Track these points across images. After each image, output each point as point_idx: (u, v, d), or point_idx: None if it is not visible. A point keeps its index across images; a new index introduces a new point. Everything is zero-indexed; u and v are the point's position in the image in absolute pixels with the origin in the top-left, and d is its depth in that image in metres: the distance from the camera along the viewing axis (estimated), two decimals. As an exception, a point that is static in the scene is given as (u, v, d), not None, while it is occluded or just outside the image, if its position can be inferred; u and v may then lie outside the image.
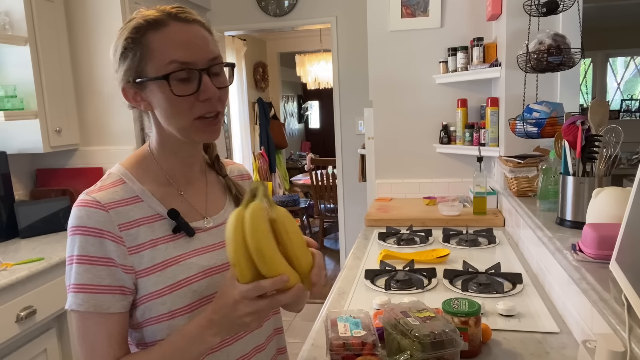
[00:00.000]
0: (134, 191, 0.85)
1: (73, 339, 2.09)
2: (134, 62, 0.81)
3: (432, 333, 0.95)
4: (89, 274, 0.78)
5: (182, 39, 0.80)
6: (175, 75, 0.79)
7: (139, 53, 0.80)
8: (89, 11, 2.59)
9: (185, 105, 0.80)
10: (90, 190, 0.83)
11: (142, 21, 0.80)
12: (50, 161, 2.72)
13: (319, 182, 4.87)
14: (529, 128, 1.92)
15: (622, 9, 5.00)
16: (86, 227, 0.78)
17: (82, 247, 0.78)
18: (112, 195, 0.82)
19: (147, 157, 0.90)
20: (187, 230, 0.86)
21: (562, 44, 1.85)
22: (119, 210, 0.81)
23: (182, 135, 0.84)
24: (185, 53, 0.79)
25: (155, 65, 0.80)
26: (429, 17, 2.61)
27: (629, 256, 0.89)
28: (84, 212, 0.79)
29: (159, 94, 0.81)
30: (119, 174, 0.86)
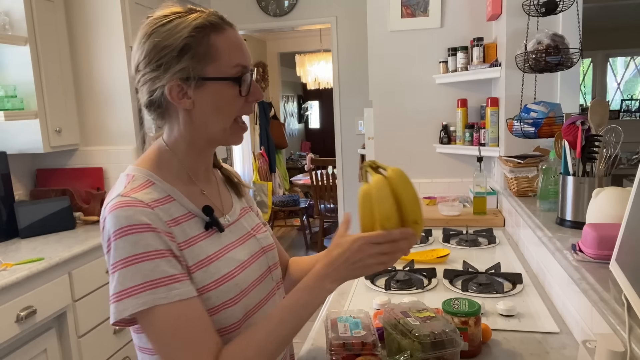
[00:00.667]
0: (165, 191, 0.85)
1: (74, 339, 2.09)
2: (193, 61, 0.81)
3: (432, 333, 0.95)
4: (162, 267, 0.76)
5: (240, 44, 0.85)
6: (244, 78, 0.84)
7: (202, 52, 0.81)
8: (89, 11, 2.59)
9: (238, 105, 0.85)
10: (125, 192, 0.80)
11: (205, 22, 0.82)
12: (50, 161, 2.72)
13: (319, 182, 4.87)
14: (526, 128, 1.92)
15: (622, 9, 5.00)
16: (140, 224, 0.76)
17: (143, 243, 0.75)
18: (148, 196, 0.81)
19: (165, 157, 0.89)
20: (218, 227, 0.88)
21: (560, 44, 1.85)
22: (161, 209, 0.81)
23: (219, 135, 0.87)
24: (245, 57, 0.85)
25: (221, 66, 0.83)
26: (429, 17, 2.61)
27: (629, 256, 0.89)
28: (131, 211, 0.76)
29: (218, 93, 0.83)
30: (144, 176, 0.85)
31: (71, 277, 2.08)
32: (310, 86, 6.51)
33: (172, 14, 0.84)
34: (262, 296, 0.93)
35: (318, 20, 3.72)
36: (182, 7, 0.85)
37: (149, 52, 0.83)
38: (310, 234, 5.62)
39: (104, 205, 0.81)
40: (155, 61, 0.82)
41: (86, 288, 2.17)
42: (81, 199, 2.61)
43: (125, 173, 0.87)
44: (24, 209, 2.35)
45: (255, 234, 0.98)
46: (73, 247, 2.13)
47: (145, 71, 0.84)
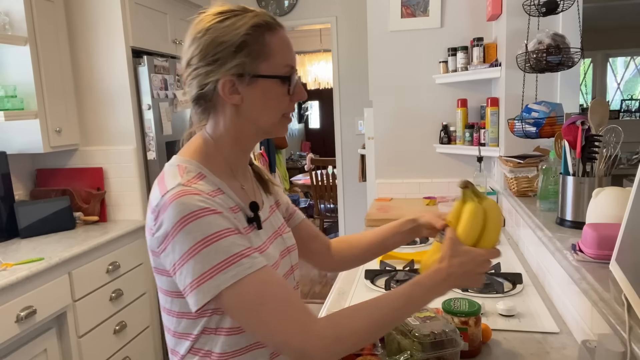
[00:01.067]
0: (215, 184, 0.86)
1: (74, 339, 2.09)
2: (248, 58, 0.84)
3: (432, 333, 0.96)
4: (238, 242, 0.78)
5: (290, 44, 0.89)
6: (292, 77, 0.88)
7: (257, 50, 0.84)
8: (89, 11, 2.59)
9: (285, 103, 0.89)
10: (185, 182, 0.81)
11: (260, 21, 0.85)
12: (50, 161, 2.72)
13: (319, 182, 4.87)
14: (528, 128, 1.91)
15: (622, 9, 5.00)
16: (207, 208, 0.77)
17: (217, 224, 0.77)
18: (204, 187, 0.82)
19: (211, 151, 0.90)
20: (258, 224, 0.90)
21: (561, 44, 1.85)
22: (216, 200, 0.82)
23: (267, 129, 0.90)
24: (293, 58, 0.89)
25: (271, 65, 0.85)
26: (429, 17, 2.61)
27: (629, 256, 0.89)
28: (196, 199, 0.77)
29: (268, 90, 0.86)
30: (197, 169, 0.86)
31: (71, 277, 2.08)
32: (310, 86, 6.50)
33: (229, 11, 0.85)
34: None
35: (318, 20, 3.72)
36: (237, 6, 0.87)
37: (205, 47, 0.84)
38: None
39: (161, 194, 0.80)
40: (211, 56, 0.84)
41: (86, 288, 2.17)
42: (81, 199, 2.61)
43: (175, 164, 0.87)
44: (24, 209, 2.35)
45: (281, 234, 0.99)
46: (73, 247, 2.13)
47: (199, 65, 0.85)
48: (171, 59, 2.89)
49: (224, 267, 0.75)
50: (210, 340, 0.85)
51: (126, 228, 2.49)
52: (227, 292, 0.75)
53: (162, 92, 2.78)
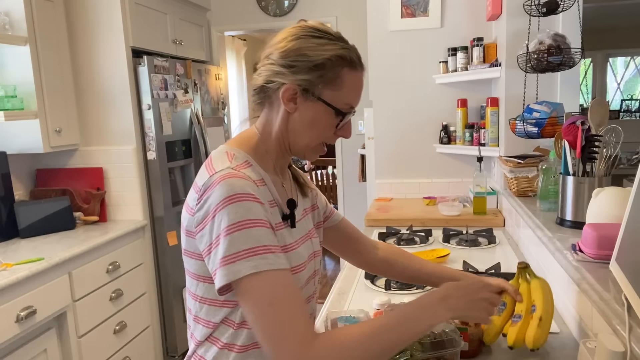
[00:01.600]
0: (260, 174, 0.89)
1: (74, 339, 2.09)
2: (319, 79, 0.88)
3: (432, 333, 0.96)
4: (270, 236, 0.79)
5: (360, 87, 0.93)
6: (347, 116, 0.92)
7: (330, 77, 0.88)
8: (89, 11, 2.59)
9: (328, 133, 0.92)
10: (232, 166, 0.84)
11: (346, 55, 0.89)
12: (50, 161, 2.72)
13: (319, 182, 4.87)
14: (529, 128, 1.91)
15: (622, 9, 5.00)
16: (252, 194, 0.80)
17: (256, 211, 0.79)
18: (251, 174, 0.85)
19: (259, 147, 0.93)
20: (292, 222, 0.92)
21: (562, 44, 1.85)
22: (261, 189, 0.86)
23: (300, 148, 0.93)
24: (357, 100, 0.93)
25: (335, 96, 0.89)
26: (429, 17, 2.61)
27: (629, 256, 0.89)
28: (243, 182, 0.80)
29: (320, 115, 0.90)
30: (243, 157, 0.89)
31: (71, 277, 2.08)
32: (310, 86, 6.49)
33: (326, 33, 0.90)
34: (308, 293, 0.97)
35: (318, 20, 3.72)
36: (335, 32, 0.93)
37: (289, 51, 0.88)
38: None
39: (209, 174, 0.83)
40: (290, 60, 0.88)
41: (86, 288, 2.17)
42: (81, 199, 2.61)
43: (224, 151, 0.90)
44: (24, 209, 2.35)
45: (311, 237, 1.01)
46: (73, 247, 2.13)
47: (276, 62, 0.89)
48: (171, 59, 2.90)
49: (249, 254, 0.76)
50: (233, 333, 0.86)
51: (126, 228, 2.49)
52: (245, 279, 0.76)
53: (162, 92, 2.78)
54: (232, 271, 0.76)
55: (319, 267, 1.04)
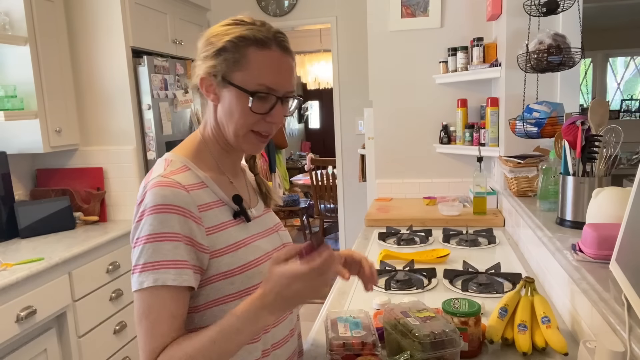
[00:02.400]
0: (199, 177, 0.90)
1: (74, 339, 2.09)
2: (227, 64, 0.88)
3: (432, 333, 0.95)
4: (179, 250, 0.80)
5: (276, 67, 0.88)
6: (259, 95, 0.87)
7: (235, 59, 0.87)
8: (89, 11, 2.59)
9: (252, 119, 0.89)
10: (165, 173, 0.86)
11: (250, 35, 0.87)
12: (50, 161, 2.72)
13: (319, 182, 4.87)
14: (529, 128, 1.91)
15: (622, 9, 4.99)
16: (173, 205, 0.81)
17: (168, 224, 0.80)
18: (186, 179, 0.87)
19: (201, 146, 0.95)
20: (246, 216, 0.93)
21: (562, 44, 1.85)
22: (196, 193, 0.86)
23: (232, 140, 0.92)
24: (274, 80, 0.88)
25: (245, 78, 0.87)
26: (429, 17, 2.61)
27: (629, 256, 0.89)
28: (168, 191, 0.82)
29: (235, 100, 0.88)
30: (181, 162, 0.91)
31: (71, 277, 2.08)
32: (310, 86, 6.50)
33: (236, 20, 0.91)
34: None
35: (318, 20, 3.72)
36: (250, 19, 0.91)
37: (202, 43, 0.92)
38: (310, 234, 5.62)
39: (144, 184, 0.86)
40: (201, 52, 0.91)
41: (86, 288, 2.17)
42: (81, 199, 2.61)
43: (163, 158, 0.93)
44: (24, 209, 2.35)
45: (277, 230, 1.04)
46: (73, 247, 2.13)
47: (197, 58, 0.93)
48: (171, 59, 2.90)
49: (154, 267, 0.79)
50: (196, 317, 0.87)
51: (126, 228, 2.49)
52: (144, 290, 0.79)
53: (162, 92, 2.78)
54: (139, 281, 0.79)
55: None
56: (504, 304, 1.19)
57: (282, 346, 0.96)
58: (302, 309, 3.65)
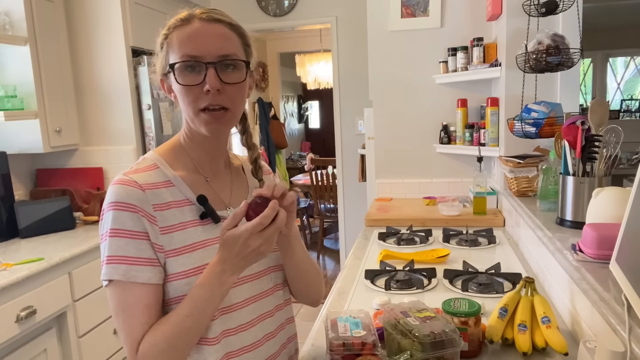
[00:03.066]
0: (166, 176, 0.90)
1: (74, 339, 2.09)
2: (163, 55, 0.90)
3: (432, 333, 0.95)
4: (128, 247, 0.82)
5: (196, 35, 0.86)
6: (180, 66, 0.86)
7: (166, 48, 0.89)
8: (89, 11, 2.59)
9: (192, 95, 0.87)
10: (127, 171, 0.88)
11: (174, 20, 0.89)
12: (50, 161, 2.72)
13: (319, 182, 4.87)
14: (527, 128, 1.91)
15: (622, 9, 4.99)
16: (125, 202, 0.83)
17: (121, 221, 0.82)
18: (147, 178, 0.88)
19: (177, 146, 0.96)
20: (213, 217, 0.91)
21: (561, 44, 1.85)
22: (154, 192, 0.86)
23: (193, 125, 0.91)
24: (194, 46, 0.85)
25: (173, 58, 0.87)
26: (429, 17, 2.61)
27: (629, 256, 0.89)
28: (122, 189, 0.84)
29: (174, 84, 0.89)
30: (153, 159, 0.92)
31: (71, 277, 2.08)
32: (310, 86, 6.50)
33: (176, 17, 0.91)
34: (252, 293, 0.94)
35: (318, 20, 3.72)
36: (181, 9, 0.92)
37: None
38: (310, 234, 5.62)
39: None
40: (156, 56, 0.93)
41: (86, 288, 2.17)
42: (81, 199, 2.61)
43: (142, 156, 0.95)
44: (24, 209, 2.35)
45: None
46: (73, 247, 2.13)
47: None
48: (171, 59, 2.89)
49: (109, 261, 0.83)
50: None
51: (126, 228, 2.49)
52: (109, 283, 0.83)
53: (162, 92, 2.77)
54: (104, 272, 0.83)
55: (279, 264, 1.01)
56: (504, 304, 1.19)
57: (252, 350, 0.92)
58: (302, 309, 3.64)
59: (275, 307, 0.99)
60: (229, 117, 0.90)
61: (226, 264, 0.81)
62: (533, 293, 1.22)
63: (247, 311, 0.92)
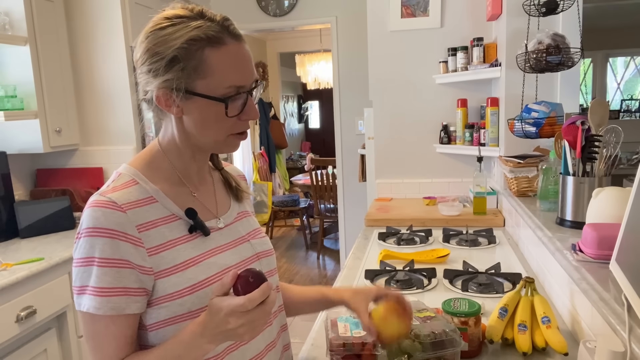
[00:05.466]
0: (147, 192, 0.83)
1: (74, 339, 2.09)
2: (185, 74, 0.79)
3: (432, 333, 0.95)
4: (107, 277, 0.76)
5: (238, 62, 0.81)
6: (235, 99, 0.81)
7: (193, 67, 0.78)
8: (89, 11, 2.59)
9: (229, 123, 0.82)
10: (104, 190, 0.81)
11: (201, 35, 0.78)
12: (50, 161, 2.72)
13: (319, 182, 4.87)
14: (527, 128, 1.91)
15: (622, 9, 5.00)
16: (103, 228, 0.76)
17: (100, 249, 0.76)
18: (127, 196, 0.80)
19: (157, 157, 0.88)
20: (203, 230, 0.86)
21: (561, 44, 1.85)
22: (136, 211, 0.79)
23: (211, 146, 0.86)
24: (241, 77, 0.81)
25: (211, 84, 0.79)
26: (429, 17, 2.61)
27: (629, 256, 0.89)
28: (100, 213, 0.76)
29: (205, 109, 0.81)
30: (130, 175, 0.85)
31: (71, 277, 2.08)
32: (310, 86, 6.50)
33: (175, 17, 0.80)
34: None
35: (318, 20, 3.72)
36: (189, 11, 0.81)
37: (143, 54, 0.82)
38: (310, 234, 5.62)
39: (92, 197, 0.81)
40: (147, 65, 0.81)
41: (86, 288, 2.17)
42: (81, 199, 2.61)
43: (116, 171, 0.87)
44: (24, 209, 2.35)
45: (250, 239, 0.95)
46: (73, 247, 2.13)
47: (141, 71, 0.84)
48: (171, 59, 2.89)
49: (83, 292, 0.77)
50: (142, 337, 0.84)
51: (126, 228, 2.49)
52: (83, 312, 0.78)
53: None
54: (77, 302, 0.79)
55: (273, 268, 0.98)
56: (504, 304, 1.19)
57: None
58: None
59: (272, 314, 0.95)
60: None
61: (206, 330, 0.74)
62: (533, 293, 1.22)
63: None
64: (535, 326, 1.15)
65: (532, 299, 1.20)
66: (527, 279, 1.24)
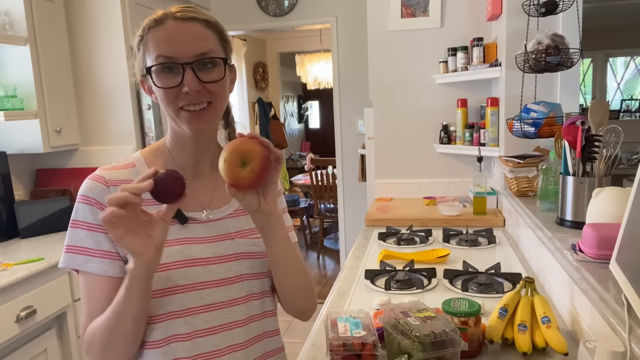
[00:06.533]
0: (140, 174, 0.90)
1: (74, 339, 2.10)
2: (140, 57, 0.90)
3: (432, 333, 0.95)
4: (87, 239, 0.86)
5: (170, 35, 0.86)
6: (157, 68, 0.86)
7: (142, 49, 0.89)
8: (89, 11, 2.59)
9: (170, 96, 0.86)
10: (104, 167, 0.93)
11: (148, 21, 0.88)
12: (50, 161, 2.72)
13: (319, 182, 4.87)
14: (526, 128, 1.91)
15: (622, 9, 5.00)
16: (87, 196, 0.88)
17: (83, 214, 0.87)
18: (118, 175, 0.91)
19: (161, 148, 0.97)
20: (179, 218, 0.90)
21: (560, 44, 1.85)
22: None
23: (176, 125, 0.91)
24: (170, 47, 0.85)
25: (150, 60, 0.87)
26: (429, 17, 2.61)
27: (629, 256, 0.89)
28: (89, 184, 0.89)
29: (153, 85, 0.88)
30: (134, 159, 0.95)
31: (71, 277, 2.08)
32: (310, 86, 6.50)
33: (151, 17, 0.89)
34: (216, 300, 0.89)
35: (318, 20, 3.72)
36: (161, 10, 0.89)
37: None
38: (310, 234, 5.62)
39: None
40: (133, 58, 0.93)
41: (86, 288, 2.17)
42: (81, 199, 2.61)
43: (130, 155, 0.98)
44: (24, 209, 2.35)
45: (235, 237, 0.94)
46: (73, 247, 2.13)
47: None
48: (171, 59, 2.89)
49: (67, 250, 0.87)
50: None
51: (126, 228, 2.49)
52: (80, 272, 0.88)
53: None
54: (62, 260, 0.88)
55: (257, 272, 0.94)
56: (504, 304, 1.19)
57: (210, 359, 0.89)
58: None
59: (248, 318, 0.93)
60: (210, 113, 0.88)
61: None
62: (533, 293, 1.22)
63: (208, 317, 0.88)
64: (535, 326, 1.15)
65: (532, 299, 1.20)
66: (527, 279, 1.24)
